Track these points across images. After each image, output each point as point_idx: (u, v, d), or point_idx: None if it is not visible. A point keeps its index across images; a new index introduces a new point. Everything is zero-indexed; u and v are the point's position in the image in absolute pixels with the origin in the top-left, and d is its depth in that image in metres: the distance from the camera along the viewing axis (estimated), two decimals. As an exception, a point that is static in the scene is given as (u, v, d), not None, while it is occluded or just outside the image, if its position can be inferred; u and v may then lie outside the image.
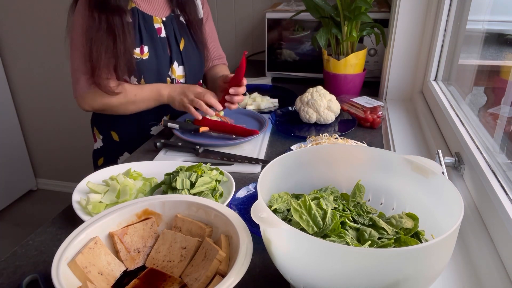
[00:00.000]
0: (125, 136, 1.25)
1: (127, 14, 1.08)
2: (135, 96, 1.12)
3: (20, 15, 2.28)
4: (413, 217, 0.56)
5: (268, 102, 1.33)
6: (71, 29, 1.09)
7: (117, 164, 0.90)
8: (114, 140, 1.26)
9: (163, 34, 1.18)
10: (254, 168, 0.94)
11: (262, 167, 0.94)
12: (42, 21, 2.25)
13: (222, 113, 1.17)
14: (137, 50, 1.12)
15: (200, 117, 1.10)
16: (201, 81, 1.36)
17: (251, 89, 1.46)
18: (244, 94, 1.24)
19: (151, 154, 1.03)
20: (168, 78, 1.22)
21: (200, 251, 0.58)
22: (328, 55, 1.35)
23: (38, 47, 2.33)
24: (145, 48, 1.14)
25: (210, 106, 1.09)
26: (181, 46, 1.22)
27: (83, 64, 1.08)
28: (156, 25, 1.17)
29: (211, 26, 1.35)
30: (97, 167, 1.30)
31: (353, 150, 0.67)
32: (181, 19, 1.24)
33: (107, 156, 1.28)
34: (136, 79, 1.15)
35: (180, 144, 1.02)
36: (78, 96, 1.13)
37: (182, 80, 1.25)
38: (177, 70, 1.22)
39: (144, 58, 1.13)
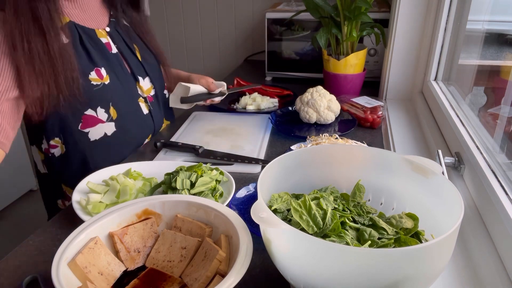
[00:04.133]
0: None
1: (61, 35, 0.86)
2: None
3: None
4: (413, 217, 0.56)
5: (268, 102, 1.33)
6: None
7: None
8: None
9: (113, 50, 0.99)
10: (254, 168, 0.94)
11: (262, 167, 0.94)
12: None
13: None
14: (94, 75, 0.92)
15: None
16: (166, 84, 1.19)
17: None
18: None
19: (151, 154, 1.03)
20: (141, 98, 1.05)
21: (200, 251, 0.58)
22: (328, 55, 1.35)
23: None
24: (103, 71, 0.94)
25: None
26: (139, 55, 1.07)
27: None
28: (103, 40, 0.98)
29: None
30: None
31: (353, 150, 0.67)
32: (124, 22, 1.07)
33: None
34: (103, 110, 0.95)
35: (180, 144, 1.02)
36: None
37: (152, 93, 1.10)
38: (144, 85, 1.07)
39: (105, 82, 0.94)
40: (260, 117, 1.24)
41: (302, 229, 0.53)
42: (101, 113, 0.95)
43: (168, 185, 0.79)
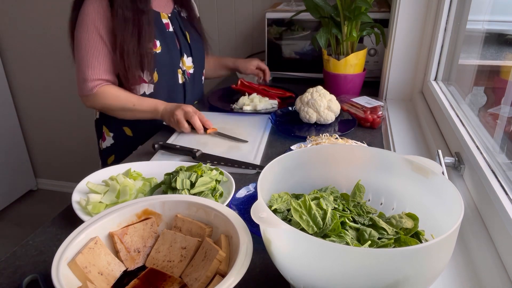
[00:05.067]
0: (139, 130, 1.28)
1: (149, 14, 1.15)
2: (133, 105, 1.18)
3: (20, 15, 2.28)
4: (413, 217, 0.56)
5: (266, 103, 1.32)
6: (81, 26, 1.11)
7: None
8: (127, 135, 1.30)
9: (170, 29, 1.26)
10: (252, 169, 0.93)
11: (258, 173, 0.94)
12: (42, 21, 2.25)
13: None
14: (151, 45, 1.17)
15: (189, 130, 1.13)
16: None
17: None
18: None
19: (150, 155, 1.03)
20: (180, 70, 1.29)
21: (200, 251, 0.58)
22: (328, 55, 1.35)
23: (38, 47, 2.33)
24: (157, 42, 1.20)
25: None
26: (188, 39, 1.32)
27: (92, 63, 1.13)
28: (164, 21, 1.24)
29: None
30: (106, 166, 1.29)
31: (353, 150, 0.67)
32: (182, 14, 1.34)
33: (118, 153, 1.31)
34: (149, 73, 1.19)
35: (178, 146, 1.01)
36: (83, 95, 1.17)
37: (191, 71, 1.34)
38: (187, 61, 1.31)
39: (157, 51, 1.20)
40: (259, 117, 1.24)
41: (302, 229, 0.53)
42: (146, 75, 1.20)
43: (168, 185, 0.79)
